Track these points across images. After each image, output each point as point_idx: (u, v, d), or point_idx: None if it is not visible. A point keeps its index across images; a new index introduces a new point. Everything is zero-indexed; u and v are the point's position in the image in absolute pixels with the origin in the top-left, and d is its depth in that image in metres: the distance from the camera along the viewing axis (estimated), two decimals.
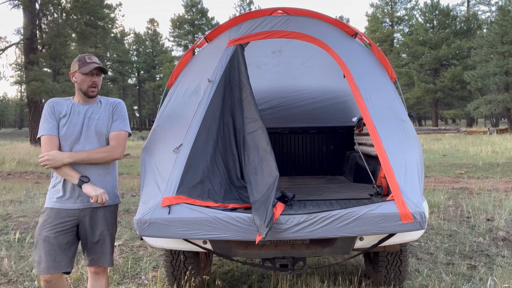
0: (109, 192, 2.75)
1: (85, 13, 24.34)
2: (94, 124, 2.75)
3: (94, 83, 2.75)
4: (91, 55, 2.79)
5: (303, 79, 5.76)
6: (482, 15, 51.83)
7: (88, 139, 2.73)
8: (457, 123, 54.72)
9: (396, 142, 2.92)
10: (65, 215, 2.69)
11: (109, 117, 2.81)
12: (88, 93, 2.76)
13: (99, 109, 2.81)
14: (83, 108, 2.79)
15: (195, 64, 3.47)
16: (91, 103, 2.82)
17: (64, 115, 2.74)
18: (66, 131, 2.70)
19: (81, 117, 2.76)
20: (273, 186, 2.85)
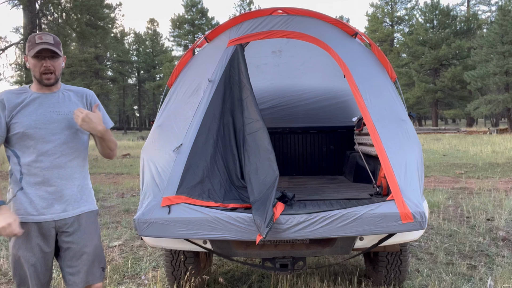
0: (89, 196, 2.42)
1: (85, 13, 24.35)
2: (65, 119, 2.29)
3: (47, 69, 2.22)
4: (44, 33, 2.27)
5: (303, 79, 5.77)
6: (482, 15, 51.89)
7: (59, 136, 2.27)
8: (457, 123, 54.74)
9: (396, 142, 2.92)
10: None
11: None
12: (42, 81, 2.25)
13: (68, 102, 2.34)
14: (44, 99, 2.29)
15: (195, 64, 3.47)
16: (54, 92, 2.32)
17: (19, 110, 2.22)
18: (25, 128, 2.20)
19: (44, 110, 2.26)
20: (273, 186, 2.85)
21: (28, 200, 2.23)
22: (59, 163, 2.27)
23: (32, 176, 2.22)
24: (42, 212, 2.24)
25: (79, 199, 2.35)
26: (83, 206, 2.37)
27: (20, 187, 2.23)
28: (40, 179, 2.23)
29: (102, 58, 51.73)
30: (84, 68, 44.19)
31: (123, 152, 19.53)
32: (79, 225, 2.33)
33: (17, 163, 2.24)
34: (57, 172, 2.26)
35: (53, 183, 2.25)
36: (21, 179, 2.23)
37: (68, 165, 2.30)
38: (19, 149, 2.24)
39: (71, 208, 2.31)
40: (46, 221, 2.26)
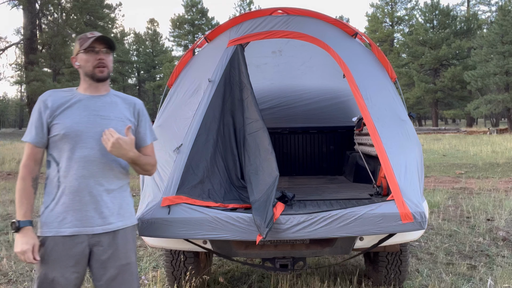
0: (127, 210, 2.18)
1: (85, 13, 24.36)
2: (110, 125, 2.09)
3: (101, 62, 2.09)
4: (94, 31, 2.19)
5: (303, 79, 5.77)
6: (482, 15, 51.87)
7: (100, 143, 2.06)
8: (457, 123, 54.72)
9: (396, 142, 2.92)
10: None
11: (130, 119, 2.18)
12: (96, 75, 2.10)
13: (114, 107, 2.15)
14: (90, 101, 2.12)
15: (195, 64, 3.47)
16: (102, 95, 2.16)
17: (62, 111, 2.07)
18: (65, 130, 2.03)
19: (88, 113, 2.09)
20: (273, 186, 2.85)
21: (62, 211, 2.01)
22: (97, 171, 2.05)
23: (69, 185, 2.02)
24: (75, 224, 2.01)
25: (115, 213, 2.09)
26: (120, 222, 2.11)
27: (56, 196, 2.03)
28: (76, 188, 2.01)
29: None
30: None
31: None
32: (114, 241, 2.08)
33: (56, 169, 2.05)
34: (93, 180, 2.04)
35: (90, 193, 2.03)
36: (58, 187, 2.03)
37: (106, 175, 2.07)
38: (57, 153, 2.06)
39: (107, 222, 2.06)
40: (80, 234, 2.02)
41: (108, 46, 2.13)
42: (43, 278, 1.99)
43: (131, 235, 2.16)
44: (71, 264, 2.00)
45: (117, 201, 2.10)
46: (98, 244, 2.05)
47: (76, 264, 2.01)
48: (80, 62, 2.13)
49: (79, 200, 2.01)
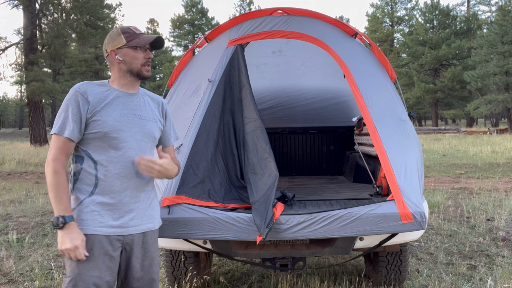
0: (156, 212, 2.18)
1: (85, 13, 24.34)
2: (146, 125, 2.08)
3: (149, 61, 2.07)
4: (134, 26, 2.12)
5: (303, 79, 5.77)
6: (482, 15, 51.90)
7: (141, 144, 2.05)
8: (457, 123, 54.71)
9: (396, 142, 2.92)
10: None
11: (160, 120, 2.18)
12: (142, 73, 2.07)
13: (147, 107, 2.13)
14: (127, 99, 2.07)
15: (195, 64, 3.47)
16: (135, 94, 2.12)
17: (103, 107, 1.98)
18: (109, 129, 1.96)
19: (127, 112, 2.03)
20: (273, 186, 2.86)
21: (100, 209, 1.95)
22: (137, 172, 2.01)
23: (109, 184, 1.96)
24: (112, 224, 1.96)
25: (147, 214, 2.08)
26: (150, 223, 2.09)
27: (92, 194, 1.96)
28: (118, 188, 1.97)
29: (102, 58, 51.67)
30: (84, 68, 44.18)
31: None
32: (143, 243, 2.06)
33: (93, 167, 1.96)
34: (134, 182, 2.01)
35: (130, 193, 2.00)
36: (95, 185, 1.96)
37: (143, 176, 2.04)
38: (94, 150, 1.97)
39: (139, 223, 2.04)
40: (115, 234, 1.97)
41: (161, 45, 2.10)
42: (78, 279, 1.90)
43: (156, 237, 2.16)
44: (107, 265, 1.95)
45: (149, 202, 2.09)
46: (131, 245, 2.02)
47: (111, 264, 1.96)
48: (125, 58, 2.04)
49: (119, 200, 1.97)
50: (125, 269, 2.04)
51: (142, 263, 2.05)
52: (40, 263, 4.34)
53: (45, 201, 8.01)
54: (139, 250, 2.04)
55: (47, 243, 5.14)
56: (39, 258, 4.55)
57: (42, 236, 5.48)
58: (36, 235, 5.53)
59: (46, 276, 3.96)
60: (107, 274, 1.94)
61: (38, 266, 4.20)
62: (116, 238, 1.97)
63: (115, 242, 1.97)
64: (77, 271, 1.90)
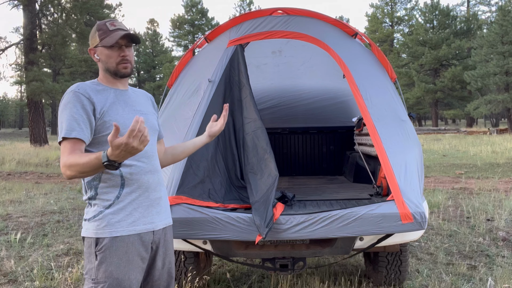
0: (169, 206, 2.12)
1: (85, 13, 24.34)
2: (148, 119, 2.03)
3: (125, 58, 1.94)
4: (114, 20, 1.99)
5: (303, 79, 5.77)
6: (482, 15, 51.97)
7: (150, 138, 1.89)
8: (457, 123, 54.72)
9: (396, 142, 2.92)
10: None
11: (155, 113, 2.16)
12: (120, 71, 1.95)
13: (142, 101, 2.09)
14: (124, 96, 2.00)
15: (195, 64, 3.47)
16: (127, 90, 2.05)
17: (109, 107, 1.90)
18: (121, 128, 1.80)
19: (130, 109, 1.97)
20: (273, 186, 2.86)
21: (132, 209, 1.87)
22: (155, 166, 1.98)
23: (138, 182, 1.89)
24: (144, 221, 1.90)
25: (167, 209, 2.05)
26: (168, 218, 2.06)
27: (121, 194, 1.86)
28: (147, 185, 1.92)
29: None
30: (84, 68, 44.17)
31: None
32: (165, 238, 2.02)
33: None
34: (156, 176, 1.97)
35: (155, 188, 1.96)
36: (122, 185, 1.87)
37: (159, 169, 2.02)
38: None
39: (164, 217, 2.01)
40: (148, 231, 1.92)
41: (133, 39, 1.96)
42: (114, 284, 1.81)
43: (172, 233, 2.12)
44: (140, 264, 1.89)
45: (165, 195, 2.05)
46: (158, 241, 1.97)
47: (143, 263, 1.91)
48: (101, 57, 1.95)
49: (147, 196, 1.91)
50: (148, 268, 1.97)
51: (163, 261, 2.01)
52: (40, 263, 4.34)
53: (45, 201, 8.01)
54: (162, 248, 1.99)
55: (47, 243, 5.14)
56: (39, 258, 4.55)
57: (42, 236, 5.48)
58: (36, 235, 5.53)
59: (46, 276, 3.96)
60: (140, 274, 1.89)
61: (38, 266, 4.20)
62: (148, 237, 1.91)
63: (147, 241, 1.91)
64: (115, 275, 1.80)
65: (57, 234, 5.61)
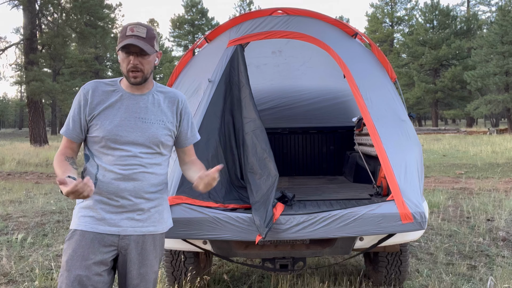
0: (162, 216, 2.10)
1: (85, 13, 24.34)
2: (150, 129, 2.00)
3: (134, 66, 1.92)
4: (139, 24, 1.97)
5: (303, 79, 5.77)
6: (482, 15, 51.91)
7: (143, 149, 1.99)
8: (457, 123, 54.73)
9: (396, 142, 2.92)
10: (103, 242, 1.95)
11: (171, 121, 2.07)
12: (129, 79, 1.96)
13: (157, 108, 2.04)
14: (131, 101, 2.00)
15: (195, 64, 3.47)
16: (144, 94, 2.03)
17: (102, 110, 1.97)
18: (106, 133, 1.94)
19: (129, 115, 1.98)
20: (273, 186, 2.86)
21: (98, 208, 1.94)
22: (135, 174, 1.95)
23: (106, 185, 1.93)
24: (108, 222, 1.94)
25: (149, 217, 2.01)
26: (152, 227, 2.03)
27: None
28: (114, 190, 1.93)
29: (102, 58, 51.72)
30: (84, 68, 44.23)
31: None
32: (142, 248, 1.99)
33: (95, 166, 1.96)
34: (132, 184, 1.95)
35: (126, 195, 1.94)
36: (94, 185, 1.93)
37: (145, 178, 1.97)
38: (96, 152, 1.98)
39: (145, 225, 2.00)
40: (109, 233, 1.94)
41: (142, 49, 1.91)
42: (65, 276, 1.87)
43: (159, 242, 2.08)
44: (98, 264, 1.90)
45: (153, 204, 2.02)
46: (127, 248, 1.96)
47: (103, 264, 1.92)
48: (119, 60, 1.98)
49: (116, 201, 1.94)
50: (123, 274, 1.99)
51: (138, 270, 1.98)
52: (40, 263, 4.34)
53: (45, 201, 8.01)
54: (137, 256, 1.98)
55: (47, 243, 5.14)
56: (39, 258, 4.55)
57: (42, 236, 5.48)
58: (36, 235, 5.53)
59: (46, 276, 3.96)
60: (98, 277, 1.89)
61: (38, 266, 4.20)
62: (111, 239, 1.93)
63: (109, 243, 1.93)
64: (67, 267, 1.87)
65: (57, 234, 5.61)
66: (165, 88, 2.12)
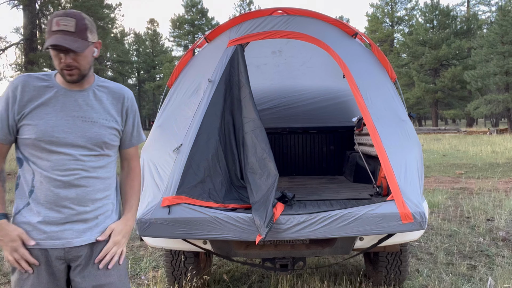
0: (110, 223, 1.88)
1: (84, 12, 24.35)
2: (92, 129, 1.79)
3: (67, 65, 1.69)
4: (67, 14, 1.70)
5: (303, 79, 5.77)
6: (482, 15, 51.93)
7: (83, 151, 1.78)
8: (457, 123, 54.72)
9: (396, 142, 2.92)
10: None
11: (116, 120, 1.86)
12: (65, 77, 1.73)
13: (99, 105, 1.81)
14: (69, 97, 1.77)
15: (195, 64, 3.47)
16: (83, 90, 1.80)
17: (34, 108, 1.73)
18: (39, 135, 1.71)
19: (66, 114, 1.76)
20: (273, 186, 2.86)
21: (37, 220, 1.73)
22: (77, 180, 1.76)
23: (45, 193, 1.73)
24: (51, 236, 1.74)
25: (96, 225, 1.82)
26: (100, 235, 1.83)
27: (30, 202, 1.75)
28: (53, 198, 1.73)
29: (102, 58, 51.69)
30: None
31: None
32: (93, 257, 1.81)
33: (31, 171, 1.75)
34: (74, 191, 1.75)
35: (67, 204, 1.74)
36: (30, 193, 1.75)
37: (89, 184, 1.78)
38: (30, 155, 1.75)
39: (82, 235, 1.78)
40: (55, 248, 1.75)
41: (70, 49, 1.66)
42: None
43: None
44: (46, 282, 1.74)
45: (99, 212, 1.82)
46: (76, 259, 1.78)
47: (51, 282, 1.75)
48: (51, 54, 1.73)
49: (57, 211, 1.73)
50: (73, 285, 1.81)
51: (90, 283, 1.79)
52: None
53: None
54: (87, 268, 1.79)
55: None
56: None
57: None
58: None
59: None
60: None
61: None
62: (56, 253, 1.75)
63: (55, 256, 1.75)
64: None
65: None
66: (109, 83, 1.89)
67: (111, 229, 1.84)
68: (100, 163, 1.82)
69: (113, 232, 1.84)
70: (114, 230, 1.85)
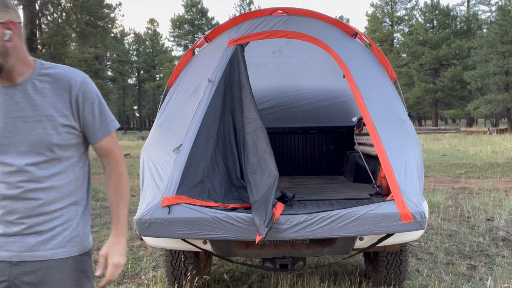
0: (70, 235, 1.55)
1: (85, 12, 24.36)
2: (36, 129, 1.46)
3: None
4: None
5: (303, 79, 5.77)
6: (482, 15, 51.94)
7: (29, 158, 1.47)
8: (457, 123, 54.74)
9: (396, 142, 2.92)
10: None
11: (66, 112, 1.50)
12: None
13: (41, 99, 1.48)
14: (4, 96, 1.48)
15: (195, 64, 3.47)
16: (16, 84, 1.48)
17: None
18: None
19: (5, 116, 1.48)
20: (273, 186, 2.86)
21: None
22: (23, 194, 1.47)
23: None
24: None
25: (50, 238, 1.51)
26: (60, 249, 1.51)
27: None
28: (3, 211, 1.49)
29: (102, 58, 51.71)
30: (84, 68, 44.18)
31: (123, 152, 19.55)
32: (46, 275, 1.49)
33: None
34: (22, 204, 1.47)
35: (14, 220, 1.48)
36: None
37: (39, 196, 1.49)
38: None
39: (35, 249, 1.49)
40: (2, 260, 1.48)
41: None
42: None
43: (75, 268, 1.54)
44: None
45: (55, 223, 1.51)
46: (21, 278, 1.48)
47: None
48: None
49: (6, 225, 1.49)
50: None
51: None
52: None
53: None
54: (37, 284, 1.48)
55: None
56: None
57: None
58: None
59: None
60: None
61: None
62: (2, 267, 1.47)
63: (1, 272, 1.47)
64: None
65: None
66: (54, 69, 1.52)
67: (104, 256, 1.57)
68: (54, 169, 1.51)
69: (108, 257, 1.57)
70: (108, 254, 1.57)
